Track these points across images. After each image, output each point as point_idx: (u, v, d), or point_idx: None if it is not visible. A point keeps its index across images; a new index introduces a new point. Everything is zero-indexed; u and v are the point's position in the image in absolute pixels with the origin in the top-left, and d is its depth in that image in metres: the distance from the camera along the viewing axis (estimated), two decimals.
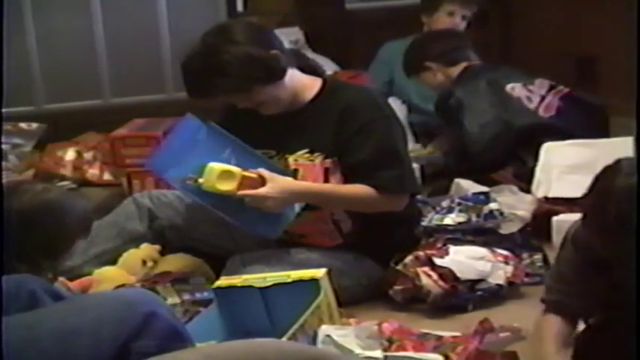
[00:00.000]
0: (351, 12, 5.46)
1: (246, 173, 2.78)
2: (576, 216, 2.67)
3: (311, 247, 2.93)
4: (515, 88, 3.85)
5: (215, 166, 2.75)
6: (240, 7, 5.16)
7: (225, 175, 2.76)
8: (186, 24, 4.79)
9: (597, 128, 3.83)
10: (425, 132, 4.46)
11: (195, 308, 2.70)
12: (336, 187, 2.87)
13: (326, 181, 2.87)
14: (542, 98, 3.84)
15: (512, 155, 3.75)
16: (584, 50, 5.35)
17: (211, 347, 1.87)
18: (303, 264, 2.73)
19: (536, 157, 3.61)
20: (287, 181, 2.81)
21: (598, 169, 3.52)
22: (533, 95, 3.84)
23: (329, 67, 4.47)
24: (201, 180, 2.76)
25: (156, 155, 2.96)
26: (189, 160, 2.79)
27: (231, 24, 3.18)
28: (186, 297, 2.76)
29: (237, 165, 2.80)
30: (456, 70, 3.95)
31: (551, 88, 3.88)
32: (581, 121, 3.79)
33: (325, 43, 5.13)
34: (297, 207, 2.85)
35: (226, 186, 2.76)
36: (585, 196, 2.02)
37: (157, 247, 3.00)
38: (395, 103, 4.10)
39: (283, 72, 2.84)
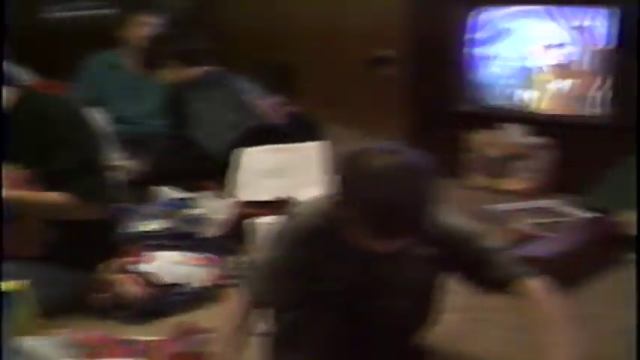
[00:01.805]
0: (47, 21, 5.38)
1: None
2: (267, 218, 2.81)
3: (10, 259, 2.88)
4: (250, 99, 4.00)
5: None
6: None
7: None
8: None
9: None
10: (131, 142, 4.49)
11: None
12: (32, 194, 2.83)
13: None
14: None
15: None
16: (283, 59, 5.58)
17: None
18: (3, 276, 2.68)
19: None
20: None
21: (289, 172, 3.73)
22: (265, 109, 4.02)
23: (27, 77, 4.37)
24: None
25: None
26: None
27: None
28: None
29: None
30: (194, 72, 4.02)
31: (281, 105, 4.10)
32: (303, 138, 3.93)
33: (22, 52, 5.01)
34: None
35: None
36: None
37: None
38: (97, 113, 4.08)
39: None
